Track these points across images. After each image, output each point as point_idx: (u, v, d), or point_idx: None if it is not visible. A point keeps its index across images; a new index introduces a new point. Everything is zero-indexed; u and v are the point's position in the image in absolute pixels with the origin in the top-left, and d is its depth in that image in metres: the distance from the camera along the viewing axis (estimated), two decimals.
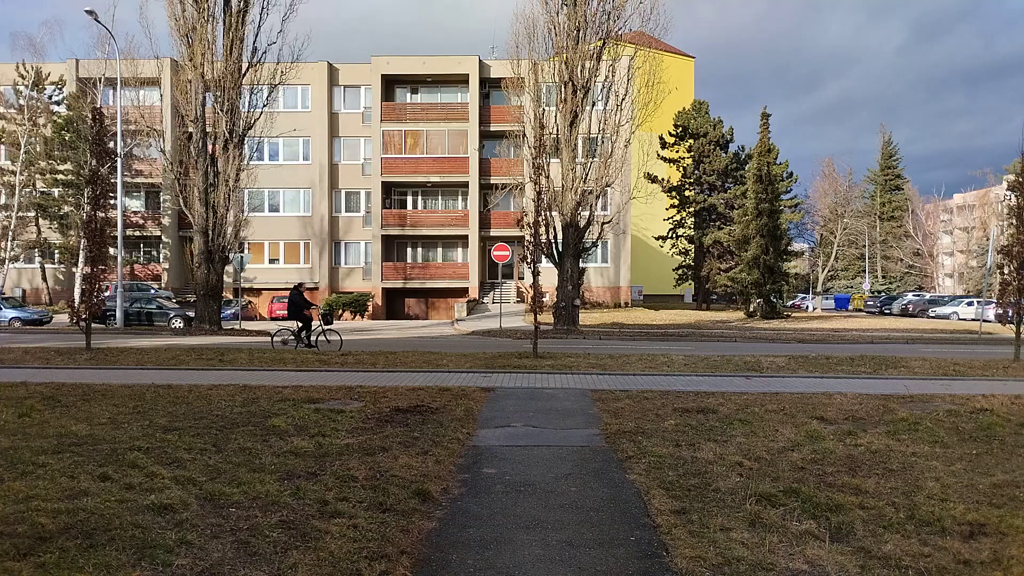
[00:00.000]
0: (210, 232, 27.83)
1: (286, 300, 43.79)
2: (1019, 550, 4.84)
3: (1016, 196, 18.04)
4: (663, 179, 52.40)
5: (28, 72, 43.24)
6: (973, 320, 41.35)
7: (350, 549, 4.74)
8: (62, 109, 44.70)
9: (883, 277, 75.83)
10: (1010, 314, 17.90)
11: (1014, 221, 18.08)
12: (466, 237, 46.57)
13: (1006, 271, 17.96)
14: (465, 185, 46.59)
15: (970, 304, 46.30)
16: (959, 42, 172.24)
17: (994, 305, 26.80)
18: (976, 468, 6.91)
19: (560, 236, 29.15)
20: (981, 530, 5.20)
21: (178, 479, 6.19)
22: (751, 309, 43.09)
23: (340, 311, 44.96)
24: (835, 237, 60.31)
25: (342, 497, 5.82)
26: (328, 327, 20.24)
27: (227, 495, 5.78)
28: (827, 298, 66.36)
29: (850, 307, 64.42)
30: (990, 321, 32.70)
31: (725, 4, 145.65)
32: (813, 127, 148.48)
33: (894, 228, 75.73)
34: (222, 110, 27.82)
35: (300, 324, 19.95)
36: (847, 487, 6.23)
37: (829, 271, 76.83)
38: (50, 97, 45.01)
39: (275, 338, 20.16)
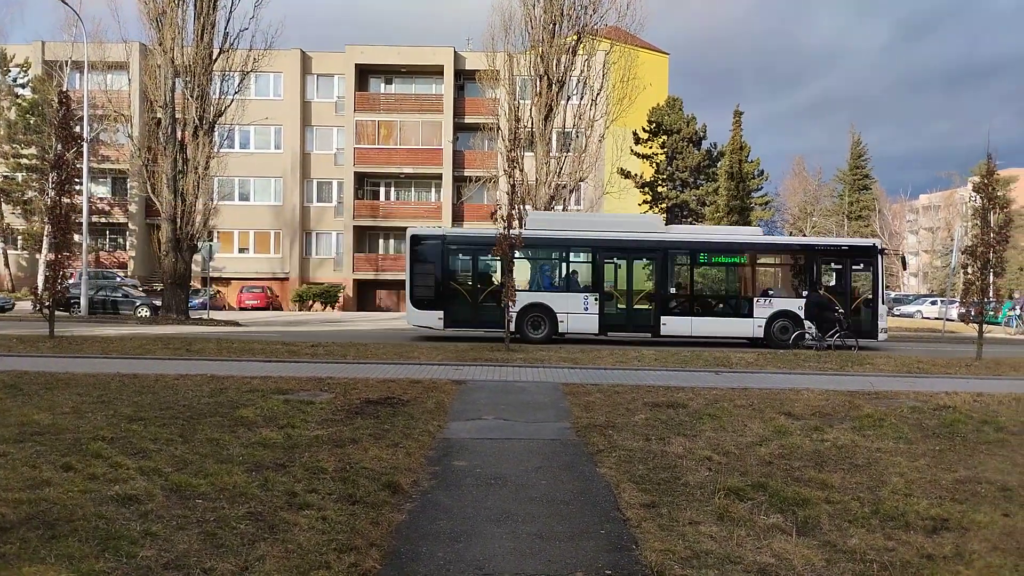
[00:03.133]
0: (178, 220, 27.42)
1: (256, 291, 43.83)
2: (981, 545, 4.93)
3: (981, 198, 18.38)
4: (636, 175, 52.59)
5: None
6: (936, 319, 42.06)
7: (319, 541, 4.70)
8: (27, 92, 43.76)
9: None
10: (973, 313, 18.22)
11: (978, 222, 18.42)
12: None
13: (970, 271, 18.27)
14: (439, 177, 46.42)
15: (934, 303, 47.07)
16: (943, 42, 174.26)
17: (957, 304, 27.28)
18: (939, 464, 7.03)
19: None
20: (944, 525, 5.29)
21: (143, 470, 6.09)
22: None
23: (311, 302, 44.62)
24: (804, 235, 61.10)
25: (311, 489, 5.77)
26: (845, 331, 19.40)
27: (194, 486, 5.70)
28: None
29: None
30: (953, 320, 33.16)
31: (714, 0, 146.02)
32: (796, 124, 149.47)
33: (861, 227, 76.80)
34: (192, 96, 27.40)
35: (821, 326, 19.21)
36: (814, 482, 6.30)
37: None
38: (14, 80, 44.06)
39: (793, 336, 19.62)
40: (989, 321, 20.39)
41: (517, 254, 21.59)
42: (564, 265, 22.23)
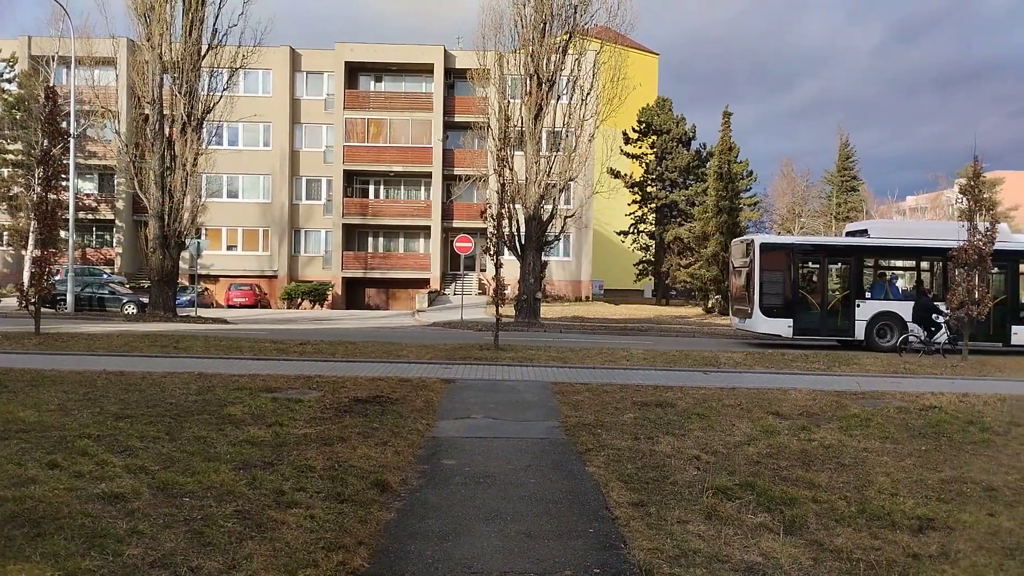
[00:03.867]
0: (166, 217, 27.25)
1: (244, 288, 43.62)
2: (966, 544, 4.98)
3: (967, 199, 18.49)
4: (626, 175, 52.68)
5: None
6: None
7: (307, 540, 4.69)
8: (13, 87, 43.36)
9: None
10: (963, 315, 18.33)
11: (965, 224, 18.53)
12: (428, 228, 46.32)
13: (956, 273, 18.40)
14: (428, 175, 46.31)
15: None
16: (936, 45, 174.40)
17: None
18: (925, 464, 7.09)
19: (523, 229, 29.11)
20: (930, 524, 5.33)
21: (130, 468, 6.06)
22: (710, 305, 43.59)
23: (299, 300, 44.47)
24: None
25: (299, 487, 5.75)
26: (954, 335, 19.14)
27: (181, 484, 5.67)
28: None
29: None
30: None
31: (709, 1, 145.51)
32: (788, 125, 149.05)
33: None
34: (180, 92, 27.22)
35: (928, 329, 19.07)
36: (801, 481, 6.34)
37: None
38: (0, 75, 43.65)
39: (899, 341, 19.50)
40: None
41: (866, 263, 21.72)
42: (914, 274, 22.21)
